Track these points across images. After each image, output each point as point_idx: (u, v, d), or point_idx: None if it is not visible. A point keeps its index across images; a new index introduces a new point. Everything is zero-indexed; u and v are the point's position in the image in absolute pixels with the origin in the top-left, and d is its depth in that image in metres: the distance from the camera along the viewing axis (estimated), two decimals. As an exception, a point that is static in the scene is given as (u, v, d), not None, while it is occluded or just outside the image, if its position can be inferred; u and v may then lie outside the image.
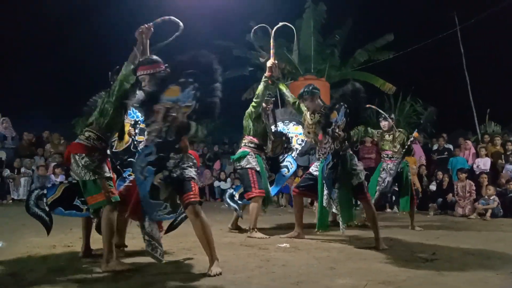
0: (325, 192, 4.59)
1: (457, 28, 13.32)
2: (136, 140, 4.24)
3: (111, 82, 3.55)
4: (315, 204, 6.21)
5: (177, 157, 3.13)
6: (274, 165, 5.81)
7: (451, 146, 10.68)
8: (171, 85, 3.01)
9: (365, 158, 9.99)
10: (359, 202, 4.76)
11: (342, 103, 4.26)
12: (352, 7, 15.54)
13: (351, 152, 4.52)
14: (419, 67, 16.86)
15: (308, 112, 4.95)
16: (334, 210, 4.51)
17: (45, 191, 3.70)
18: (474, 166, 9.53)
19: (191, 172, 3.20)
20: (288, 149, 5.84)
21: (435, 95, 15.84)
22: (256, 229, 5.16)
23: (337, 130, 4.28)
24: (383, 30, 14.49)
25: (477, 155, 9.79)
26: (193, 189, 3.13)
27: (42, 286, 2.88)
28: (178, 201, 3.22)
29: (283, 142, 5.80)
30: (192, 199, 3.11)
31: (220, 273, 3.11)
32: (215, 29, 15.35)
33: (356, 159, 4.56)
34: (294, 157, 5.96)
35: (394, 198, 8.87)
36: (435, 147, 11.06)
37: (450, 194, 8.44)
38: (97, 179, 3.36)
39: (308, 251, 4.13)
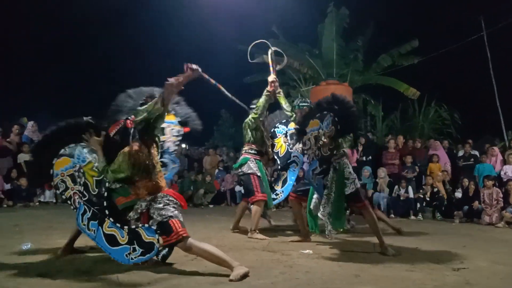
0: (314, 196, 4.65)
1: (483, 32, 13.05)
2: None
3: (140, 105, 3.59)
4: None
5: (149, 199, 3.33)
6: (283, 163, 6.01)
7: (477, 153, 10.44)
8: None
9: (388, 164, 9.85)
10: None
11: (326, 112, 4.36)
12: (375, 12, 15.43)
13: (345, 160, 4.47)
14: (444, 71, 16.58)
15: None
16: (319, 214, 4.43)
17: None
18: (502, 173, 9.28)
19: (168, 211, 3.27)
20: (292, 145, 5.99)
21: (461, 100, 15.56)
22: (257, 231, 5.36)
23: (322, 138, 4.32)
24: (407, 35, 14.32)
25: (505, 162, 9.54)
26: (174, 227, 3.19)
27: (70, 286, 2.94)
28: (147, 240, 3.30)
29: (285, 141, 6.04)
30: (175, 239, 3.20)
31: (239, 277, 3.13)
32: (238, 34, 15.46)
33: (350, 167, 4.49)
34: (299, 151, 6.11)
35: (418, 205, 8.75)
36: (460, 153, 10.82)
37: (477, 202, 8.23)
38: None
39: (332, 258, 4.10)
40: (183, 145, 16.11)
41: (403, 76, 14.16)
